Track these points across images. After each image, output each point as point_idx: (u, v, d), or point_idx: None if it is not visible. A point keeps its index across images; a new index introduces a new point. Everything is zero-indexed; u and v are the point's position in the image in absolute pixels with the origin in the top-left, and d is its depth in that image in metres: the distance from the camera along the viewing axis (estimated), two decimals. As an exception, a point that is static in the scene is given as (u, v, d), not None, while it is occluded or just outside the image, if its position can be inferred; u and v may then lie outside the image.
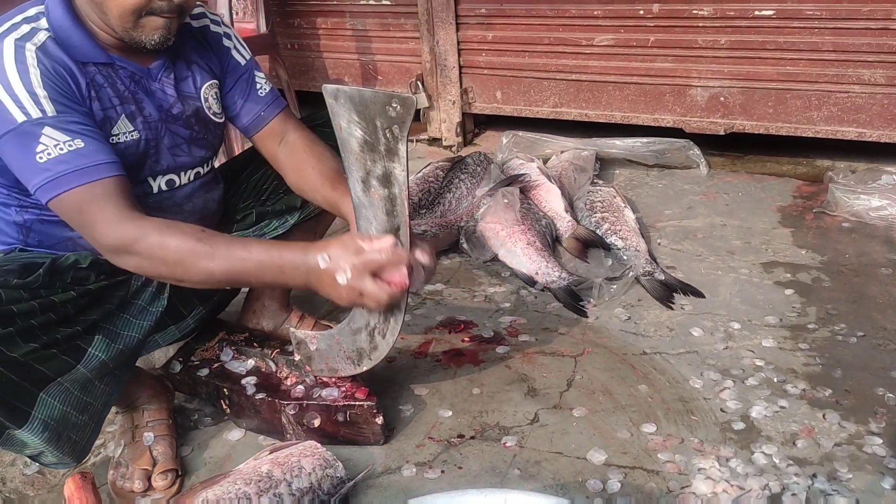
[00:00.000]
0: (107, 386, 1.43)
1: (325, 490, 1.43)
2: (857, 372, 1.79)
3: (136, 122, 1.44)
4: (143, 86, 1.46)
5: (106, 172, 1.31)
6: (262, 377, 1.69)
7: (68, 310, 1.35)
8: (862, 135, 2.85)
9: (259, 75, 1.67)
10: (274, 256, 1.34)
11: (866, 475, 1.47)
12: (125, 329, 1.45)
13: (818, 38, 2.79)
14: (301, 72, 4.14)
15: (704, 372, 1.81)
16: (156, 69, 1.48)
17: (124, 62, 1.43)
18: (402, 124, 1.21)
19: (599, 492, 1.47)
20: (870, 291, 2.14)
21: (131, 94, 1.44)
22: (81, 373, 1.35)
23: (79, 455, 1.43)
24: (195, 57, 1.56)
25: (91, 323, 1.38)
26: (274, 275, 1.35)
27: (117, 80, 1.42)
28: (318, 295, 1.52)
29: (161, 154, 1.50)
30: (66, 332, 1.33)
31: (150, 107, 1.47)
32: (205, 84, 1.57)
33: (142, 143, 1.45)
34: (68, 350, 1.33)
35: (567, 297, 2.18)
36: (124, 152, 1.41)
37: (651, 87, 3.17)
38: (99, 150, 1.31)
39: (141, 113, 1.45)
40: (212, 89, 1.59)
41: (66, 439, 1.37)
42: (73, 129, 1.30)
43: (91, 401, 1.40)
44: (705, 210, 2.78)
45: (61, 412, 1.33)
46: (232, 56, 1.63)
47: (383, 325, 1.49)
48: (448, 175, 2.78)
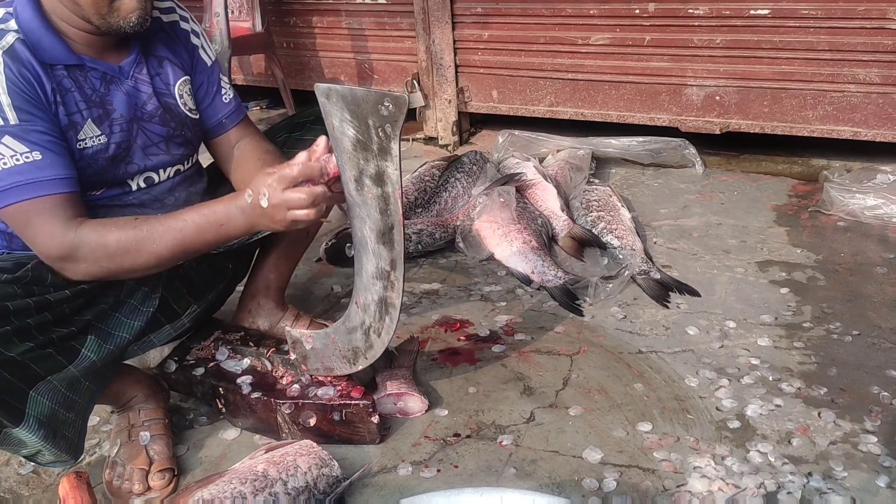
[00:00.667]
0: (91, 384, 1.44)
1: (321, 489, 1.43)
2: (853, 370, 1.79)
3: (104, 125, 1.43)
4: (116, 85, 1.45)
5: (57, 188, 1.32)
6: (257, 376, 1.69)
7: (63, 309, 1.35)
8: (857, 134, 2.86)
9: (223, 80, 1.66)
10: (208, 215, 1.36)
11: (861, 473, 1.47)
12: (117, 329, 1.45)
13: (813, 37, 2.80)
14: (297, 71, 4.13)
15: (700, 370, 1.82)
16: (127, 66, 1.47)
17: (94, 62, 1.42)
18: (395, 123, 1.21)
19: (595, 490, 1.47)
20: (865, 290, 2.14)
21: (100, 97, 1.42)
22: (71, 372, 1.35)
23: (75, 452, 1.43)
24: (167, 53, 1.55)
25: (85, 323, 1.39)
26: (216, 232, 1.37)
27: (86, 82, 1.41)
28: (313, 294, 1.52)
29: (134, 155, 1.49)
30: (62, 332, 1.33)
31: (121, 107, 1.45)
32: (178, 80, 1.56)
33: (111, 147, 1.44)
34: (63, 350, 1.33)
35: (563, 295, 2.19)
36: (94, 157, 1.41)
37: (647, 87, 3.17)
38: (55, 163, 1.32)
39: (109, 116, 1.44)
40: (185, 85, 1.58)
41: (61, 436, 1.37)
42: (32, 140, 1.29)
43: (77, 398, 1.40)
44: (701, 209, 2.78)
45: (50, 409, 1.33)
46: (199, 55, 1.62)
47: (378, 323, 1.49)
48: (444, 174, 2.78)
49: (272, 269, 1.92)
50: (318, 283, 2.38)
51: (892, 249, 2.36)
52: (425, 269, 2.45)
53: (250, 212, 1.34)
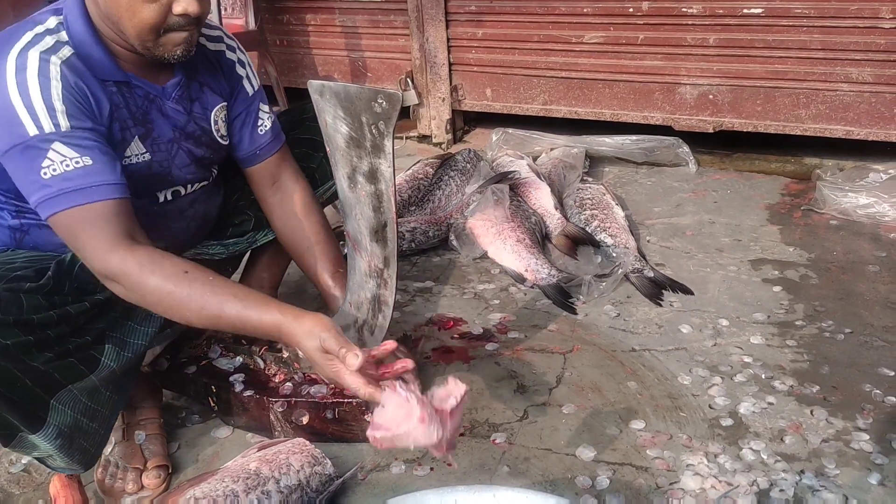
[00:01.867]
0: (113, 393, 1.42)
1: (314, 488, 1.43)
2: (845, 368, 1.80)
3: (147, 143, 1.42)
4: (157, 105, 1.44)
5: (108, 194, 1.27)
6: (250, 374, 1.68)
7: (79, 320, 1.33)
8: (849, 133, 2.87)
9: (263, 108, 1.65)
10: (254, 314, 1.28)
11: (853, 471, 1.48)
12: (132, 336, 1.43)
13: (806, 36, 2.80)
14: (290, 68, 4.12)
15: (693, 369, 1.82)
16: (170, 88, 1.45)
17: (139, 80, 1.40)
18: (388, 120, 1.20)
19: (588, 488, 1.47)
20: (857, 288, 2.15)
21: (143, 115, 1.42)
22: (91, 381, 1.34)
23: (88, 462, 1.42)
24: (208, 79, 1.54)
25: (99, 332, 1.37)
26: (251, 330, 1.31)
27: (132, 99, 1.40)
28: (307, 292, 1.52)
29: (171, 173, 1.49)
30: (77, 341, 1.31)
31: (161, 127, 1.45)
32: (216, 106, 1.55)
33: (153, 165, 1.44)
34: (84, 360, 1.32)
35: (556, 294, 2.19)
36: (134, 174, 1.40)
37: (641, 85, 3.17)
38: (106, 169, 1.28)
39: (151, 134, 1.43)
40: (222, 112, 1.57)
41: (78, 446, 1.36)
42: (83, 146, 1.26)
43: (99, 408, 1.38)
44: (694, 208, 2.78)
45: (73, 419, 1.32)
46: (243, 85, 1.61)
47: (371, 321, 1.48)
48: (438, 172, 2.78)
49: (265, 268, 1.91)
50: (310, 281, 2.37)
51: (885, 248, 2.37)
52: (419, 267, 2.45)
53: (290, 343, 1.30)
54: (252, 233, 1.73)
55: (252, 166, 1.65)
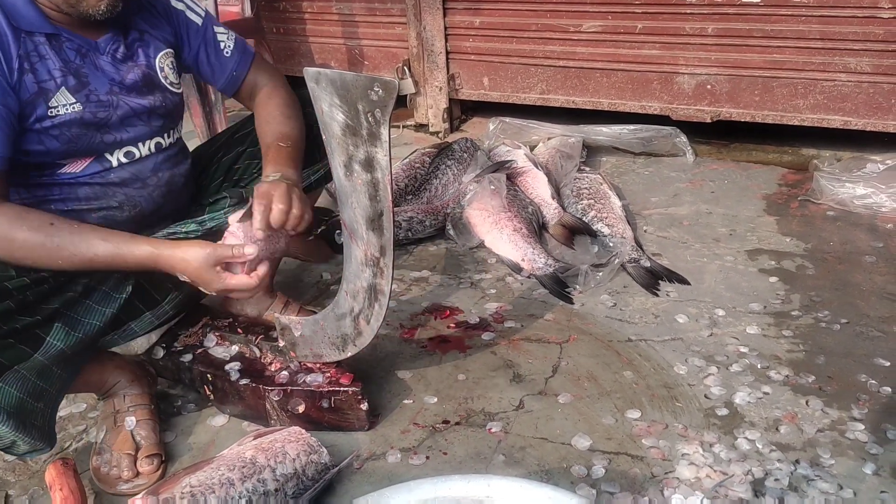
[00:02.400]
0: (63, 371, 1.42)
1: (310, 476, 1.43)
2: (841, 359, 1.80)
3: (80, 94, 1.41)
4: (90, 60, 1.44)
5: None
6: (246, 363, 1.68)
7: (27, 297, 1.32)
8: (847, 123, 2.86)
9: (219, 30, 1.66)
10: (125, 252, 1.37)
11: (848, 461, 1.48)
12: (86, 316, 1.43)
13: (805, 26, 2.79)
14: (287, 56, 4.10)
15: (689, 358, 1.82)
16: (104, 42, 1.46)
17: (71, 35, 1.41)
18: (385, 108, 1.20)
19: (584, 477, 1.47)
20: (853, 279, 2.15)
21: (76, 68, 1.41)
22: (38, 360, 1.33)
23: (48, 440, 1.41)
24: (146, 26, 1.54)
25: (51, 311, 1.36)
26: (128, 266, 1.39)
27: (61, 52, 1.40)
28: (303, 281, 1.51)
29: (111, 127, 1.47)
30: (26, 321, 1.31)
31: (97, 81, 1.44)
32: (159, 54, 1.55)
33: (86, 115, 1.42)
34: (26, 339, 1.31)
35: (553, 283, 2.18)
36: (66, 124, 1.39)
37: (638, 74, 3.16)
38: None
39: (86, 86, 1.42)
40: (167, 58, 1.57)
41: (31, 426, 1.35)
42: None
43: (47, 387, 1.37)
44: (691, 198, 2.78)
45: (18, 399, 1.31)
46: (187, 17, 1.61)
47: (368, 310, 1.48)
48: (434, 161, 2.77)
49: None
50: (307, 270, 2.37)
51: (881, 238, 2.37)
52: (415, 256, 2.44)
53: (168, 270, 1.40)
54: (232, 208, 1.71)
55: (237, 90, 1.69)
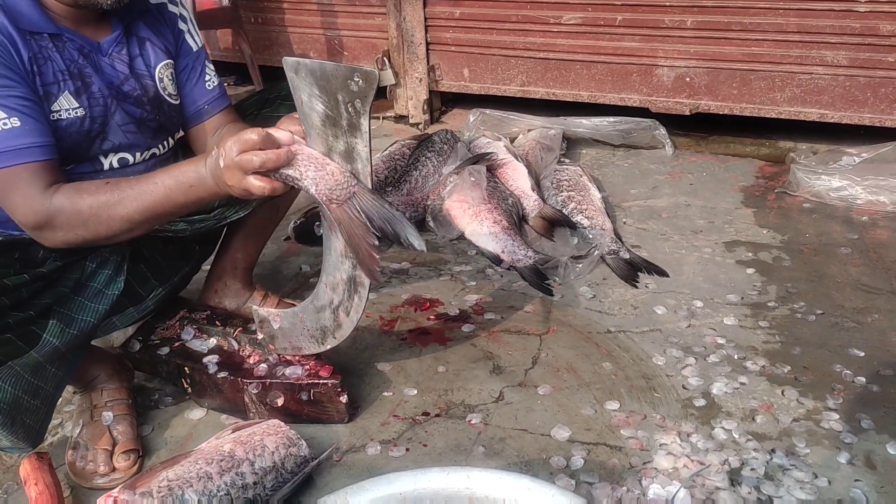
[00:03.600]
0: (58, 370, 1.41)
1: (289, 469, 1.42)
2: (816, 349, 1.82)
3: (82, 98, 1.39)
4: (92, 60, 1.41)
5: (36, 156, 1.29)
6: (224, 356, 1.67)
7: (21, 294, 1.31)
8: (824, 116, 2.89)
9: (209, 66, 1.63)
10: (177, 175, 1.33)
11: (823, 450, 1.50)
12: (80, 313, 1.42)
13: (783, 19, 2.81)
14: (265, 46, 4.06)
15: (667, 349, 1.83)
16: (107, 44, 1.44)
17: (73, 34, 1.38)
18: (365, 99, 1.19)
19: (563, 468, 1.48)
20: (829, 270, 2.18)
21: (79, 70, 1.39)
22: (33, 357, 1.32)
23: (34, 439, 1.40)
24: (150, 35, 1.52)
25: (45, 307, 1.35)
26: (185, 194, 1.33)
27: (65, 53, 1.37)
28: (282, 273, 1.50)
29: (110, 131, 1.46)
30: (19, 316, 1.29)
31: (98, 82, 1.42)
32: (160, 63, 1.53)
33: (87, 121, 1.41)
34: (23, 335, 1.30)
35: (533, 275, 2.19)
36: (67, 129, 1.38)
37: (618, 67, 3.17)
38: (34, 130, 1.29)
39: (87, 89, 1.40)
40: (167, 69, 1.55)
41: (21, 423, 1.34)
42: (11, 106, 1.26)
43: (42, 385, 1.37)
44: (670, 190, 2.80)
45: (13, 396, 1.30)
46: (185, 40, 1.59)
47: (347, 302, 1.47)
48: (415, 153, 2.76)
49: (239, 248, 1.89)
50: (286, 262, 2.35)
51: (856, 230, 2.40)
52: (395, 247, 2.43)
53: (216, 172, 1.30)
54: (221, 209, 1.69)
55: (199, 123, 1.63)
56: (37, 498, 1.35)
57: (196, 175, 1.32)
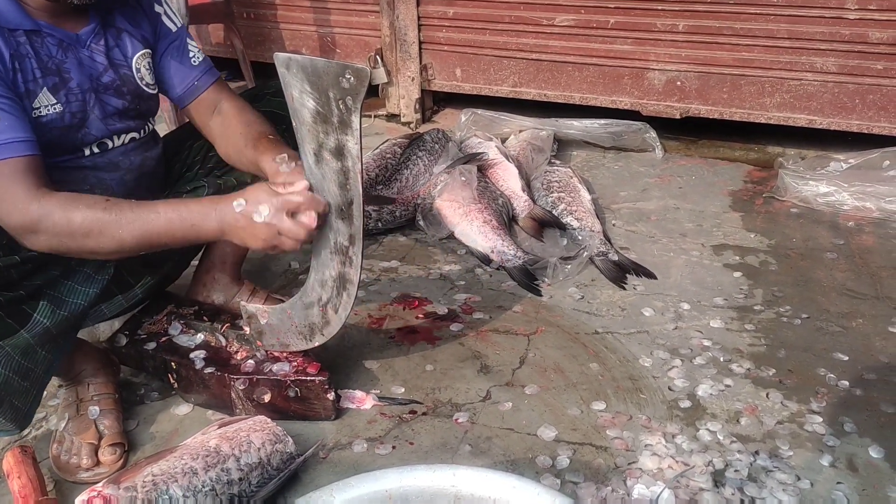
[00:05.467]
0: (48, 353, 1.40)
1: (275, 465, 1.42)
2: (801, 353, 1.83)
3: (60, 94, 1.39)
4: (72, 53, 1.41)
5: (18, 151, 1.27)
6: (211, 351, 1.66)
7: (11, 274, 1.31)
8: (812, 122, 2.91)
9: (191, 44, 1.62)
10: (182, 211, 1.34)
11: (806, 452, 1.52)
12: (70, 296, 1.42)
13: (774, 24, 2.83)
14: (257, 42, 4.05)
15: (654, 351, 1.84)
16: (85, 35, 1.43)
17: (52, 29, 1.38)
18: (356, 96, 1.19)
19: (549, 468, 1.48)
20: (815, 275, 2.19)
21: (57, 65, 1.39)
22: (24, 338, 1.31)
23: (21, 422, 1.39)
24: (127, 24, 1.51)
25: (35, 288, 1.35)
26: (185, 230, 1.34)
27: (42, 48, 1.37)
28: (270, 269, 1.50)
29: (91, 125, 1.45)
30: (9, 295, 1.29)
31: (78, 76, 1.42)
32: (137, 53, 1.52)
33: (66, 116, 1.40)
34: (13, 314, 1.30)
35: (522, 275, 2.19)
36: (48, 125, 1.37)
37: (610, 69, 3.18)
38: (15, 126, 1.28)
39: (66, 84, 1.40)
40: (144, 59, 1.54)
41: (9, 404, 1.33)
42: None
43: (32, 367, 1.36)
44: (659, 193, 2.81)
45: (3, 376, 1.30)
46: (163, 22, 1.58)
47: (336, 299, 1.48)
48: (406, 152, 2.76)
49: (228, 242, 1.87)
50: (275, 258, 2.35)
51: (842, 236, 2.42)
52: (385, 246, 2.43)
53: (232, 221, 1.33)
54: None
55: (192, 101, 1.62)
56: (20, 491, 1.35)
57: (203, 216, 1.34)
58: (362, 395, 1.67)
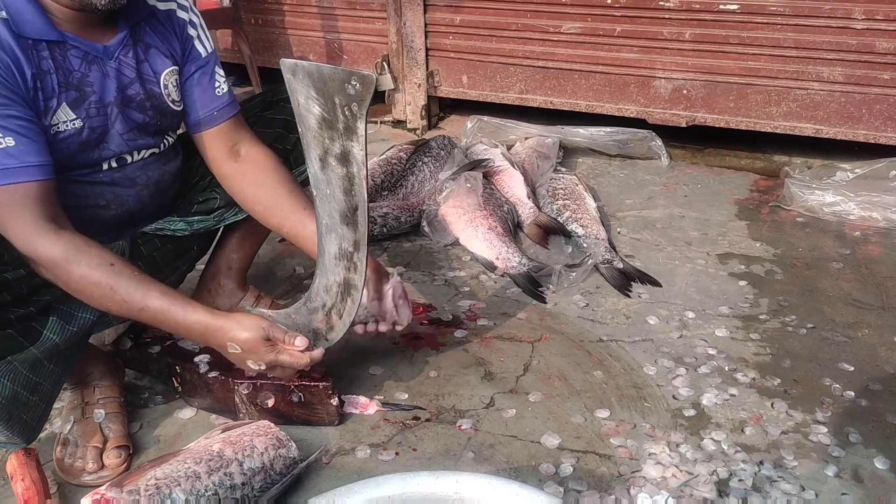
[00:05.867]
0: (56, 367, 1.39)
1: (278, 470, 1.42)
2: (806, 363, 1.83)
3: (80, 109, 1.38)
4: (97, 66, 1.40)
5: (30, 176, 1.27)
6: (215, 355, 1.66)
7: (21, 289, 1.30)
8: (819, 131, 2.91)
9: (219, 72, 1.60)
10: (173, 306, 1.37)
11: (811, 463, 1.51)
12: (79, 311, 1.40)
13: (780, 34, 2.83)
14: (264, 48, 4.06)
15: (658, 359, 1.84)
16: (113, 47, 1.41)
17: (77, 40, 1.36)
18: (362, 102, 1.19)
19: (552, 475, 1.48)
20: (820, 285, 2.19)
21: (78, 79, 1.37)
22: (32, 353, 1.31)
23: (29, 435, 1.39)
24: (157, 41, 1.50)
25: (45, 304, 1.34)
26: (170, 325, 1.39)
27: (65, 62, 1.35)
28: (275, 275, 1.50)
29: (111, 140, 1.45)
30: (20, 312, 1.29)
31: (100, 89, 1.40)
32: (165, 70, 1.51)
33: (85, 132, 1.39)
34: (23, 331, 1.29)
35: (526, 282, 2.19)
36: (65, 140, 1.37)
37: (616, 77, 3.18)
38: (30, 150, 1.27)
39: (86, 99, 1.38)
40: (172, 76, 1.53)
41: (17, 419, 1.33)
42: (5, 126, 1.24)
43: (41, 381, 1.36)
44: (665, 201, 2.81)
45: (11, 391, 1.29)
46: (194, 46, 1.57)
47: (340, 305, 1.48)
48: (411, 158, 2.77)
49: (235, 248, 1.89)
50: (280, 263, 2.35)
51: (848, 246, 2.41)
52: (390, 252, 2.44)
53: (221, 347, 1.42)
54: (221, 210, 1.69)
55: (208, 129, 1.59)
56: (23, 493, 1.35)
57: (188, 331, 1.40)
58: (366, 400, 1.67)
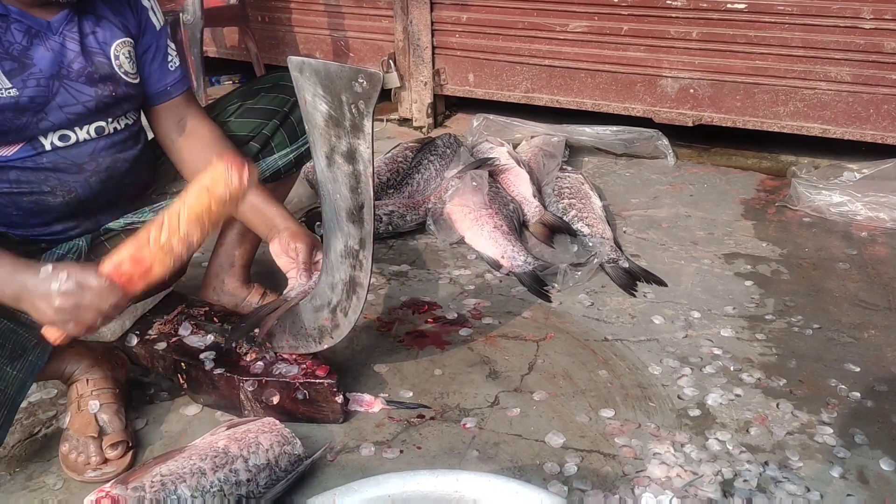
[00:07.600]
0: (19, 372, 1.37)
1: (283, 467, 1.43)
2: (812, 363, 1.82)
3: (16, 79, 1.37)
4: (41, 39, 1.40)
5: None
6: (220, 352, 1.67)
7: None
8: (826, 131, 2.90)
9: (171, 46, 1.62)
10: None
11: (816, 463, 1.50)
12: None
13: (788, 33, 2.82)
14: (271, 45, 4.07)
15: (663, 359, 1.84)
16: (57, 22, 1.42)
17: (21, 15, 1.38)
18: (368, 100, 1.19)
19: (556, 474, 1.48)
20: (827, 285, 2.18)
21: (19, 51, 1.38)
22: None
23: None
24: (107, 12, 1.50)
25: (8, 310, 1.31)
26: None
27: (6, 34, 1.36)
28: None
29: (50, 112, 1.43)
30: None
31: (42, 62, 1.40)
32: (116, 41, 1.50)
33: (22, 100, 1.38)
34: None
35: (532, 281, 2.19)
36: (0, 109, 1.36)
37: (623, 76, 3.18)
38: None
39: (25, 70, 1.38)
40: (124, 47, 1.52)
41: None
42: None
43: (3, 387, 1.34)
44: (671, 200, 2.80)
45: None
46: (149, 17, 1.58)
47: (346, 302, 1.48)
48: (417, 156, 2.77)
49: (235, 245, 1.88)
50: (286, 260, 2.35)
51: (855, 246, 2.41)
52: (395, 250, 2.44)
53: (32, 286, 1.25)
54: None
55: (161, 103, 1.62)
56: None
57: None
58: (371, 398, 1.68)
